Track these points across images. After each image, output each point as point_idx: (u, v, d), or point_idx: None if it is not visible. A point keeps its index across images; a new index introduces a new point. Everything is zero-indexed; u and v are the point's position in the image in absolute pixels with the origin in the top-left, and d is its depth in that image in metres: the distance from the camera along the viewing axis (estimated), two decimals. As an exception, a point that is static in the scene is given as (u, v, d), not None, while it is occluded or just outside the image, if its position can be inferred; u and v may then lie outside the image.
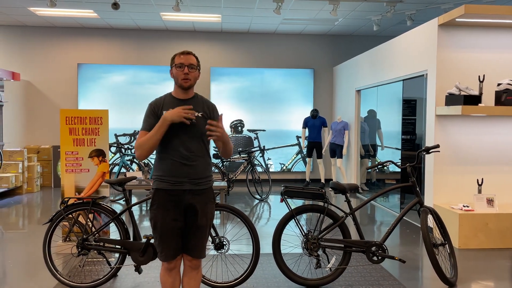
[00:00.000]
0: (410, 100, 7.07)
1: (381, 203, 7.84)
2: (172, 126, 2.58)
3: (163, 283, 2.73)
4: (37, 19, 9.15)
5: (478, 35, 5.66)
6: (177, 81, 2.67)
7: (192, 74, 2.65)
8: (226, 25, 9.62)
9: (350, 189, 3.85)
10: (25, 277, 4.05)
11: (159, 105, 2.68)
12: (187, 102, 2.68)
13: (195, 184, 2.65)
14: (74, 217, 3.96)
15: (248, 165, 8.16)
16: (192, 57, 2.68)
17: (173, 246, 2.65)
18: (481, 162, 5.68)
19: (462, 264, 4.43)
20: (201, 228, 2.68)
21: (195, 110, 2.65)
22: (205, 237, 2.73)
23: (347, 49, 10.49)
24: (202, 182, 2.68)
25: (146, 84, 9.98)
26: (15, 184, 8.31)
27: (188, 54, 2.67)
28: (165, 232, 2.63)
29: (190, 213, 2.66)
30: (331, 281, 3.81)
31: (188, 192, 2.63)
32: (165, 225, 2.63)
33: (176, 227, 2.64)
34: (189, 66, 2.64)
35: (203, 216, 2.67)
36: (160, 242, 2.66)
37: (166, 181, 2.63)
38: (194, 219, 2.66)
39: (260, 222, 6.38)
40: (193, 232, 2.67)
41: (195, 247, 2.68)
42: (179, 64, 2.63)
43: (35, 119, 9.85)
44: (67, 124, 4.69)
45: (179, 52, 2.69)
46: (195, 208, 2.65)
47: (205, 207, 2.69)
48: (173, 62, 2.68)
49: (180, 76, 2.63)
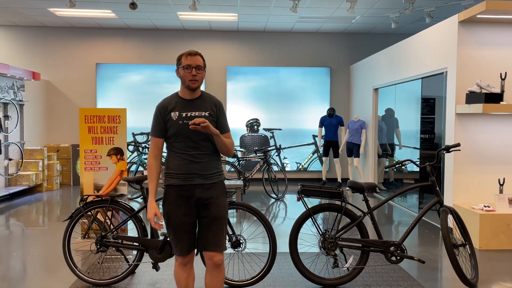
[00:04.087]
0: (429, 98, 6.96)
1: (399, 203, 7.74)
2: (179, 128, 2.65)
3: (177, 278, 2.77)
4: (57, 20, 9.30)
5: (499, 31, 5.53)
6: (184, 82, 2.68)
7: (199, 75, 2.66)
8: (243, 24, 9.62)
9: (368, 188, 3.81)
10: (45, 273, 4.12)
11: (166, 108, 2.70)
12: (195, 102, 2.72)
13: (205, 179, 2.69)
14: (93, 215, 4.01)
15: (264, 164, 8.15)
16: (199, 58, 2.67)
17: (186, 240, 2.70)
18: (502, 162, 5.56)
19: (483, 265, 4.34)
20: (216, 220, 2.69)
21: (202, 109, 2.70)
22: (221, 230, 2.72)
23: (364, 47, 10.38)
24: (212, 176, 2.72)
25: (163, 84, 10.05)
26: (35, 182, 8.47)
27: (195, 55, 2.67)
28: (177, 227, 2.68)
29: (202, 207, 2.70)
30: (348, 281, 3.77)
31: (199, 186, 2.67)
32: (177, 220, 2.67)
33: (188, 222, 2.68)
34: (197, 67, 2.65)
35: (216, 209, 2.70)
36: (173, 237, 2.71)
37: (176, 177, 2.68)
38: (208, 213, 2.69)
39: (277, 221, 6.37)
40: (208, 226, 2.70)
41: (213, 240, 2.69)
42: (186, 66, 2.64)
43: (55, 118, 10.02)
44: (86, 123, 4.76)
45: (185, 53, 2.68)
46: (207, 202, 2.69)
47: (217, 199, 2.72)
48: (179, 62, 2.68)
49: (188, 78, 2.64)
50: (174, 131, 2.67)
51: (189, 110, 2.70)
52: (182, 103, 2.71)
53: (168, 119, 2.68)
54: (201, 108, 2.72)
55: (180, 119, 2.67)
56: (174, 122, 2.67)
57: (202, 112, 2.71)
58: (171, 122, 2.68)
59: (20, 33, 9.90)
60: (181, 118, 2.67)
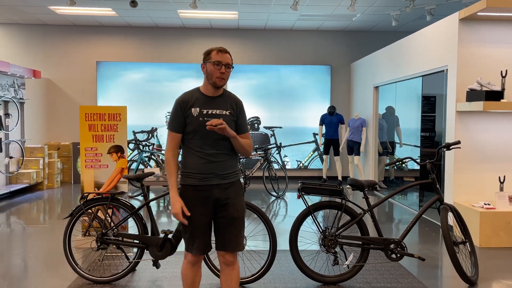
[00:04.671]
0: (430, 96, 6.96)
1: (400, 201, 7.75)
2: (199, 125, 2.58)
3: (184, 276, 2.72)
4: (57, 18, 9.30)
5: (500, 29, 5.53)
6: (211, 78, 2.60)
7: (227, 74, 2.61)
8: (243, 22, 9.61)
9: (368, 185, 3.81)
10: (45, 270, 4.13)
11: (187, 103, 2.62)
12: (216, 100, 2.66)
13: (222, 178, 2.64)
14: (94, 212, 4.02)
15: (265, 162, 8.15)
16: (229, 57, 2.63)
17: (203, 240, 2.65)
18: (503, 159, 5.56)
19: (483, 263, 4.35)
20: (234, 220, 2.66)
21: (223, 107, 2.64)
22: (239, 230, 2.69)
23: (365, 45, 10.37)
24: (229, 176, 2.67)
25: (163, 82, 10.05)
26: (36, 180, 8.48)
27: (226, 53, 2.61)
28: (195, 228, 2.63)
29: (220, 208, 2.65)
30: (348, 278, 3.78)
31: (216, 186, 2.62)
32: (195, 221, 2.62)
33: (204, 222, 2.64)
34: (226, 65, 2.59)
35: (234, 209, 2.66)
36: (190, 236, 2.65)
37: (193, 177, 2.62)
38: (226, 213, 2.64)
39: (277, 219, 6.37)
40: (225, 226, 2.66)
41: (232, 240, 2.66)
42: (217, 62, 2.57)
43: (56, 116, 10.02)
44: (86, 121, 4.76)
45: (216, 48, 2.61)
46: (225, 202, 2.64)
47: (235, 200, 2.67)
48: (208, 57, 2.60)
49: (216, 75, 2.58)
50: (193, 128, 2.60)
51: (210, 108, 2.63)
52: (204, 99, 2.64)
53: (188, 114, 2.60)
54: (222, 106, 2.65)
55: (200, 115, 2.60)
56: (194, 118, 2.60)
57: (223, 110, 2.64)
58: (191, 118, 2.60)
59: (20, 31, 9.90)
60: (202, 115, 2.60)
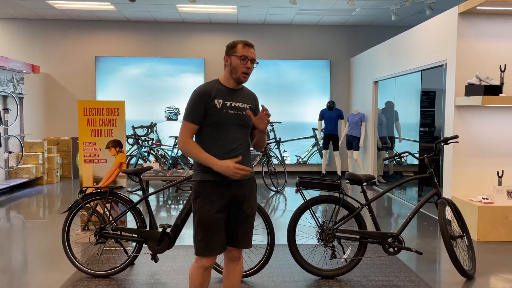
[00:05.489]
0: (429, 91, 6.95)
1: (399, 196, 7.76)
2: (223, 117, 2.49)
3: (193, 280, 2.57)
4: (56, 12, 9.27)
5: (499, 23, 5.51)
6: (235, 72, 2.52)
7: (252, 70, 2.55)
8: (242, 17, 9.58)
9: (366, 180, 3.82)
10: (45, 264, 4.14)
11: (209, 94, 2.50)
12: (238, 92, 2.59)
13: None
14: (92, 207, 4.02)
15: (264, 157, 8.15)
16: (254, 51, 2.56)
17: (218, 240, 2.52)
18: (501, 154, 5.56)
19: (481, 257, 4.36)
20: (248, 218, 2.62)
21: (245, 101, 2.59)
22: (251, 228, 2.66)
23: (364, 40, 10.35)
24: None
25: (163, 77, 10.03)
26: (36, 175, 8.49)
27: (251, 47, 2.54)
28: (210, 226, 2.50)
29: (235, 204, 2.57)
30: (346, 272, 3.79)
31: (235, 183, 2.53)
32: (210, 219, 2.49)
33: (221, 219, 2.53)
34: (252, 60, 2.53)
35: (248, 206, 2.61)
36: (204, 236, 2.50)
37: (213, 173, 2.48)
38: (240, 210, 2.58)
39: (276, 214, 6.39)
40: (239, 223, 2.60)
41: (243, 238, 2.61)
42: (243, 57, 2.50)
43: (55, 111, 10.02)
44: (85, 115, 4.76)
45: (242, 42, 2.53)
46: (241, 199, 2.57)
47: (250, 196, 2.63)
48: (233, 50, 2.53)
49: (242, 70, 2.51)
50: (216, 120, 2.48)
51: (233, 100, 2.54)
52: (226, 91, 2.55)
53: (211, 106, 2.48)
54: (245, 100, 2.59)
55: (224, 107, 2.50)
56: (217, 110, 2.48)
57: (245, 104, 2.57)
58: (214, 110, 2.48)
59: (19, 26, 9.88)
60: (225, 107, 2.50)
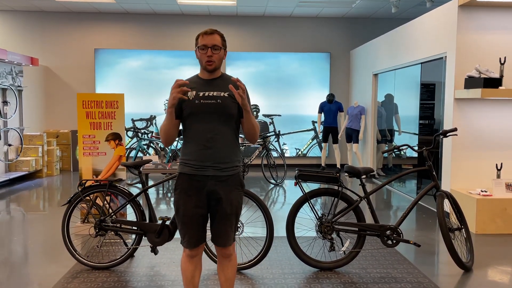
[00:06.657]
0: (429, 84, 6.94)
1: (398, 188, 7.78)
2: (195, 107, 2.47)
3: (184, 270, 2.63)
4: (55, 5, 9.22)
5: (499, 15, 5.49)
6: (201, 63, 2.52)
7: (216, 56, 2.48)
8: (242, 9, 9.54)
9: (365, 172, 3.82)
10: (45, 257, 4.16)
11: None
12: (214, 82, 2.54)
13: (219, 170, 2.49)
14: (92, 199, 4.04)
15: (263, 150, 8.16)
16: (216, 37, 2.48)
17: (195, 233, 2.53)
18: (500, 147, 5.57)
19: (479, 249, 4.38)
20: (227, 216, 2.54)
21: (221, 89, 2.52)
22: (230, 226, 2.58)
23: (364, 32, 10.31)
24: (226, 168, 2.51)
25: (162, 69, 10.01)
26: (35, 167, 8.50)
27: (211, 34, 2.47)
28: (187, 219, 2.51)
29: (213, 201, 2.52)
30: (345, 264, 3.82)
31: (211, 178, 2.48)
32: (187, 211, 2.50)
33: (198, 214, 2.51)
34: (213, 47, 2.46)
35: (227, 204, 2.52)
36: (181, 228, 2.55)
37: (189, 166, 2.50)
38: (219, 208, 2.52)
39: (275, 206, 6.41)
40: (218, 220, 2.55)
41: (219, 235, 2.57)
42: (202, 46, 2.47)
43: (54, 104, 10.00)
44: (84, 108, 4.75)
45: (202, 32, 2.50)
46: (219, 196, 2.51)
47: (229, 194, 2.53)
48: (196, 43, 2.52)
49: (204, 59, 2.48)
50: (189, 112, 2.48)
51: (207, 90, 2.51)
52: (201, 83, 2.54)
53: (184, 99, 2.47)
54: (221, 89, 2.51)
55: (196, 98, 2.48)
56: (189, 102, 2.48)
57: (221, 92, 2.50)
58: (187, 102, 2.48)
59: (17, 18, 9.83)
60: (198, 97, 2.48)
